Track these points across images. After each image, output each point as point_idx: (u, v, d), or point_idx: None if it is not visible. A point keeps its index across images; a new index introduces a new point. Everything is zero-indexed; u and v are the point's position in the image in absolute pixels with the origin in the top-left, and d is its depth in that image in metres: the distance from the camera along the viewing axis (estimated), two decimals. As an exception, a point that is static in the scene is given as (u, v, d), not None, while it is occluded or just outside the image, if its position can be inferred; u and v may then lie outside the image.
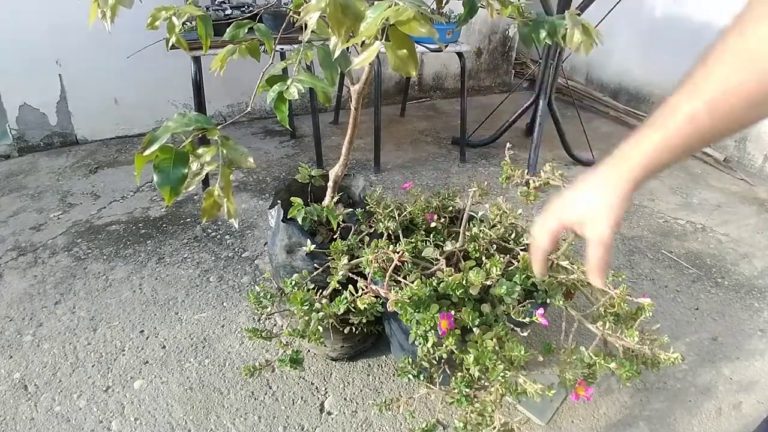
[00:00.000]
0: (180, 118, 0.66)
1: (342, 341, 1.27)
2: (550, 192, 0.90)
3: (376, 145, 2.32)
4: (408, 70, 0.64)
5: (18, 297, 1.52)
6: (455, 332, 0.90)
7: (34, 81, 2.31)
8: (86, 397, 1.23)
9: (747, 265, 1.85)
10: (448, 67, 3.36)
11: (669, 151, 0.50)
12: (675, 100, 0.49)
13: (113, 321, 1.45)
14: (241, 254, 1.76)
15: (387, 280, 0.96)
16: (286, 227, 1.16)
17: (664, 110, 0.50)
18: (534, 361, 0.94)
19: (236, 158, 0.69)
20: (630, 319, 0.99)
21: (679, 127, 0.48)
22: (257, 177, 2.30)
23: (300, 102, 2.94)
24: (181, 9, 0.90)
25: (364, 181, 1.36)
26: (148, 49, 1.39)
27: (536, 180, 1.07)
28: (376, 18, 0.58)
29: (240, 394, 1.25)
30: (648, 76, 3.09)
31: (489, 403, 0.90)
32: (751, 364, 1.42)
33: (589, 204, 0.56)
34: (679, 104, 0.48)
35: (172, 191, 0.65)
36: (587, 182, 0.57)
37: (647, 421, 1.24)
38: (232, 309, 1.51)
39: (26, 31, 2.20)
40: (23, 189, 2.11)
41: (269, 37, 0.96)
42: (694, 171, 2.60)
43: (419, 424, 0.97)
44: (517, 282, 0.99)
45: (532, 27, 0.97)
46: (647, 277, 1.75)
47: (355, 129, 1.13)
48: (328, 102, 0.79)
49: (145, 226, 1.90)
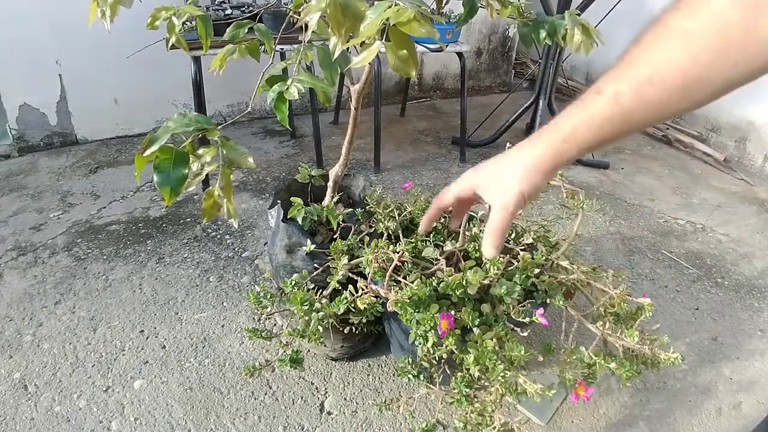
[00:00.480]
0: (180, 119, 0.66)
1: (342, 341, 1.27)
2: (550, 192, 0.90)
3: (376, 145, 2.32)
4: (408, 71, 0.64)
5: (18, 297, 1.52)
6: (455, 332, 0.90)
7: (34, 81, 2.31)
8: (86, 397, 1.23)
9: (747, 265, 1.85)
10: (448, 67, 3.36)
11: (589, 133, 0.49)
12: (603, 81, 0.47)
13: (113, 321, 1.45)
14: (241, 254, 1.76)
15: (387, 280, 0.96)
16: (286, 227, 1.16)
17: (590, 91, 0.48)
18: (534, 361, 0.94)
19: (236, 158, 0.69)
20: (630, 319, 0.99)
21: (603, 108, 0.47)
22: (257, 177, 2.30)
23: (300, 102, 2.94)
24: (181, 9, 0.90)
25: (364, 181, 1.36)
26: (148, 49, 1.39)
27: (536, 180, 1.07)
28: (377, 18, 0.58)
29: (240, 394, 1.25)
30: (648, 76, 3.08)
31: (489, 403, 0.90)
32: (751, 364, 1.42)
33: (501, 174, 0.56)
34: (605, 85, 0.47)
35: (172, 191, 0.65)
36: (505, 155, 0.57)
37: (647, 421, 1.24)
38: (232, 309, 1.51)
39: (26, 31, 2.20)
40: (23, 189, 2.11)
41: (269, 37, 0.96)
42: (694, 171, 2.60)
43: (419, 424, 0.97)
44: (517, 282, 0.99)
45: (532, 27, 0.97)
46: (647, 277, 1.75)
47: (355, 129, 1.13)
48: (328, 102, 0.79)
49: (145, 226, 1.90)
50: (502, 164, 0.57)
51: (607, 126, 0.48)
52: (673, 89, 0.43)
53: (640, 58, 0.44)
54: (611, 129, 0.48)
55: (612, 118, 0.47)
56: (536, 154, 0.53)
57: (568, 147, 0.51)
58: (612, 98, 0.46)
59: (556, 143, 0.51)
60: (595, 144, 0.50)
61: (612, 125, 0.47)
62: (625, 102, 0.45)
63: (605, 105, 0.47)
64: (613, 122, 0.47)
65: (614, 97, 0.46)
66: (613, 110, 0.46)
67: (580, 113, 0.49)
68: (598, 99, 0.47)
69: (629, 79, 0.45)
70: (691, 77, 0.42)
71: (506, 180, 0.55)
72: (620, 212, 2.16)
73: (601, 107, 0.47)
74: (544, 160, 0.53)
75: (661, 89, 0.44)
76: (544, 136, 0.53)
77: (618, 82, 0.46)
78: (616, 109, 0.46)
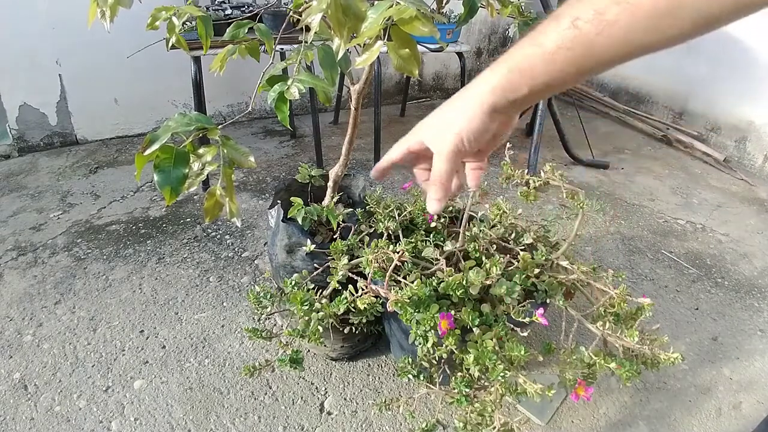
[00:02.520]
0: (180, 118, 0.66)
1: (342, 341, 1.27)
2: (550, 192, 0.90)
3: (376, 145, 2.32)
4: (411, 69, 0.64)
5: (18, 297, 1.52)
6: (455, 332, 0.90)
7: (34, 81, 2.31)
8: (86, 397, 1.23)
9: (747, 265, 1.85)
10: (448, 67, 3.36)
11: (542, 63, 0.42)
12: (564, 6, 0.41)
13: (113, 321, 1.45)
14: (241, 254, 1.76)
15: (387, 280, 0.96)
16: (286, 227, 1.16)
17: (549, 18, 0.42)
18: (534, 361, 0.94)
19: (237, 158, 0.69)
20: (630, 319, 0.99)
21: (560, 33, 0.40)
22: (257, 177, 2.30)
23: (300, 102, 2.94)
24: (181, 9, 0.90)
25: (364, 181, 1.36)
26: (148, 49, 1.39)
27: (536, 180, 1.07)
28: (378, 18, 0.58)
29: (240, 394, 1.25)
30: (648, 76, 3.09)
31: (489, 403, 0.90)
32: (751, 364, 1.42)
33: (443, 115, 0.50)
34: (565, 10, 0.41)
35: (172, 191, 0.65)
36: (450, 101, 0.51)
37: (647, 421, 1.24)
38: (232, 309, 1.51)
39: (26, 31, 2.20)
40: (23, 189, 2.11)
41: (269, 37, 0.96)
42: (694, 171, 2.60)
43: (419, 424, 0.97)
44: (517, 282, 0.99)
45: (532, 26, 0.97)
46: (647, 277, 1.75)
47: (355, 129, 1.13)
48: (328, 102, 0.79)
49: (145, 226, 1.90)
50: (447, 105, 0.50)
51: (564, 55, 0.41)
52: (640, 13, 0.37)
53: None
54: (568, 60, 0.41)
55: (570, 46, 0.40)
56: (479, 90, 0.46)
57: (515, 80, 0.44)
58: (570, 22, 0.40)
59: (502, 74, 0.44)
60: (549, 80, 0.43)
61: (570, 54, 0.41)
62: (585, 27, 0.39)
63: (563, 30, 0.40)
64: (572, 51, 0.40)
65: (572, 21, 0.40)
66: (573, 35, 0.40)
67: (535, 40, 0.42)
68: (554, 24, 0.41)
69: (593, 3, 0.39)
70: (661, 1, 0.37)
71: (446, 121, 0.49)
72: (620, 212, 2.16)
73: (558, 32, 0.41)
74: (485, 95, 0.46)
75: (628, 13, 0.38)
76: (493, 66, 0.46)
77: (579, 5, 0.40)
78: (574, 34, 0.40)
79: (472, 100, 0.47)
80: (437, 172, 0.50)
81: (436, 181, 0.50)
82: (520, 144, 2.70)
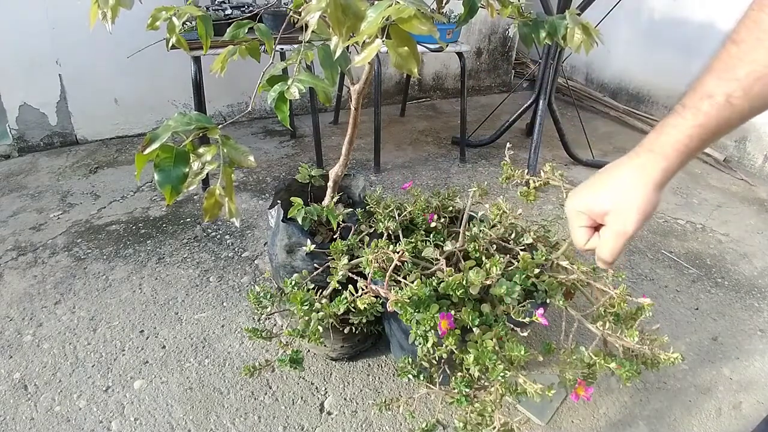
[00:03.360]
0: (180, 118, 0.66)
1: (342, 341, 1.27)
2: (550, 192, 0.90)
3: (376, 145, 2.32)
4: (410, 67, 0.64)
5: (18, 297, 1.52)
6: (455, 332, 0.90)
7: (34, 81, 2.31)
8: (86, 397, 1.23)
9: (747, 265, 1.85)
10: (448, 67, 3.36)
11: (701, 138, 0.50)
12: (705, 83, 0.49)
13: (113, 321, 1.45)
14: (241, 254, 1.76)
15: (387, 280, 0.96)
16: (286, 227, 1.16)
17: (693, 96, 0.49)
18: (534, 361, 0.94)
19: (237, 157, 0.69)
20: (630, 319, 0.99)
21: (718, 110, 0.48)
22: (257, 177, 2.30)
23: (300, 102, 2.94)
24: (181, 9, 0.90)
25: (364, 181, 1.36)
26: (148, 49, 1.39)
27: (536, 180, 1.07)
28: (377, 16, 0.58)
29: (240, 394, 1.25)
30: (648, 76, 3.09)
31: (489, 403, 0.90)
32: (751, 364, 1.42)
33: (616, 196, 0.55)
34: (711, 88, 0.48)
35: (173, 190, 0.65)
36: (613, 175, 0.56)
37: (647, 421, 1.24)
38: (232, 309, 1.51)
39: (26, 31, 2.19)
40: (23, 189, 2.11)
41: (269, 37, 0.96)
42: (694, 171, 2.60)
43: (419, 424, 0.97)
44: (517, 282, 0.99)
45: (532, 27, 0.97)
46: (647, 277, 1.75)
47: (355, 129, 1.13)
48: (328, 102, 0.79)
49: (145, 226, 1.90)
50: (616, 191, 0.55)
51: (724, 128, 0.49)
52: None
53: (743, 59, 0.46)
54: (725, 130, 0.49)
55: (729, 121, 0.48)
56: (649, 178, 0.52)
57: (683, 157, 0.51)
58: (725, 100, 0.47)
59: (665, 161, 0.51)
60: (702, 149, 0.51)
61: (728, 126, 0.49)
62: (738, 102, 0.47)
63: (722, 108, 0.48)
64: (730, 124, 0.49)
65: (727, 99, 0.47)
66: (730, 112, 0.48)
67: (696, 120, 0.49)
68: (710, 103, 0.48)
69: (738, 80, 0.47)
70: None
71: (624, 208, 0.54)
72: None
73: (718, 111, 0.48)
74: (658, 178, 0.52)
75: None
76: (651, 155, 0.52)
77: (728, 84, 0.47)
78: (730, 111, 0.48)
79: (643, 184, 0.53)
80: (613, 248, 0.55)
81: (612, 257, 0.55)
82: (520, 144, 2.70)
